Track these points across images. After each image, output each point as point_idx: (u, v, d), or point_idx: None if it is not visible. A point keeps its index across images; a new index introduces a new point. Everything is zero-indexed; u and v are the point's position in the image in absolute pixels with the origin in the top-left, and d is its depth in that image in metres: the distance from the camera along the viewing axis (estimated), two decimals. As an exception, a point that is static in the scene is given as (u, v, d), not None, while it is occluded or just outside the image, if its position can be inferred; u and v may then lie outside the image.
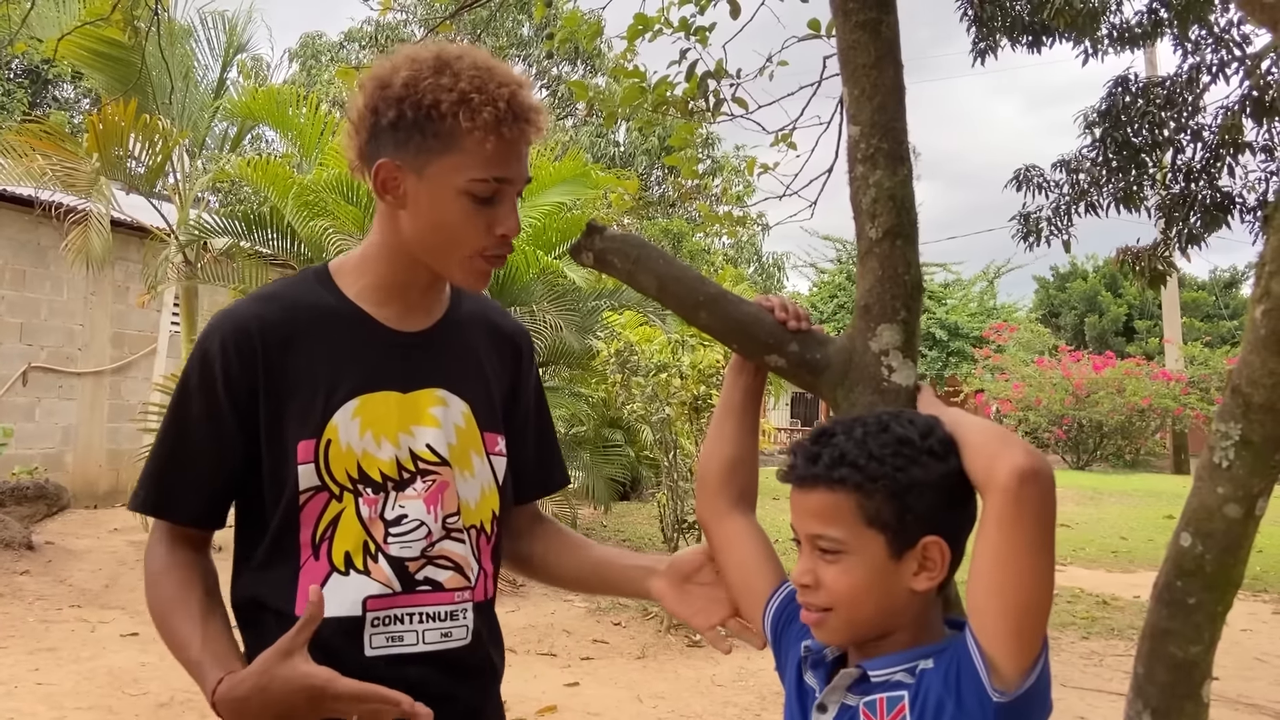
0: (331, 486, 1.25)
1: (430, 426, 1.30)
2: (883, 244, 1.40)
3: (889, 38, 1.41)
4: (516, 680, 4.89)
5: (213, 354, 1.26)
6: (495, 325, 1.45)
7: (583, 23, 4.48)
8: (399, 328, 1.32)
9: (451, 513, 1.30)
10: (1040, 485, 0.99)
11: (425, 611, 1.27)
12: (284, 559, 1.25)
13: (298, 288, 1.33)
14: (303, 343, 1.27)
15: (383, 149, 1.25)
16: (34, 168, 7.75)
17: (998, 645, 1.00)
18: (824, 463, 1.08)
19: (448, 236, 1.26)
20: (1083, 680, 5.19)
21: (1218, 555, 1.44)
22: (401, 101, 1.22)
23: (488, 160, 1.22)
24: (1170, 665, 1.47)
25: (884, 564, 1.06)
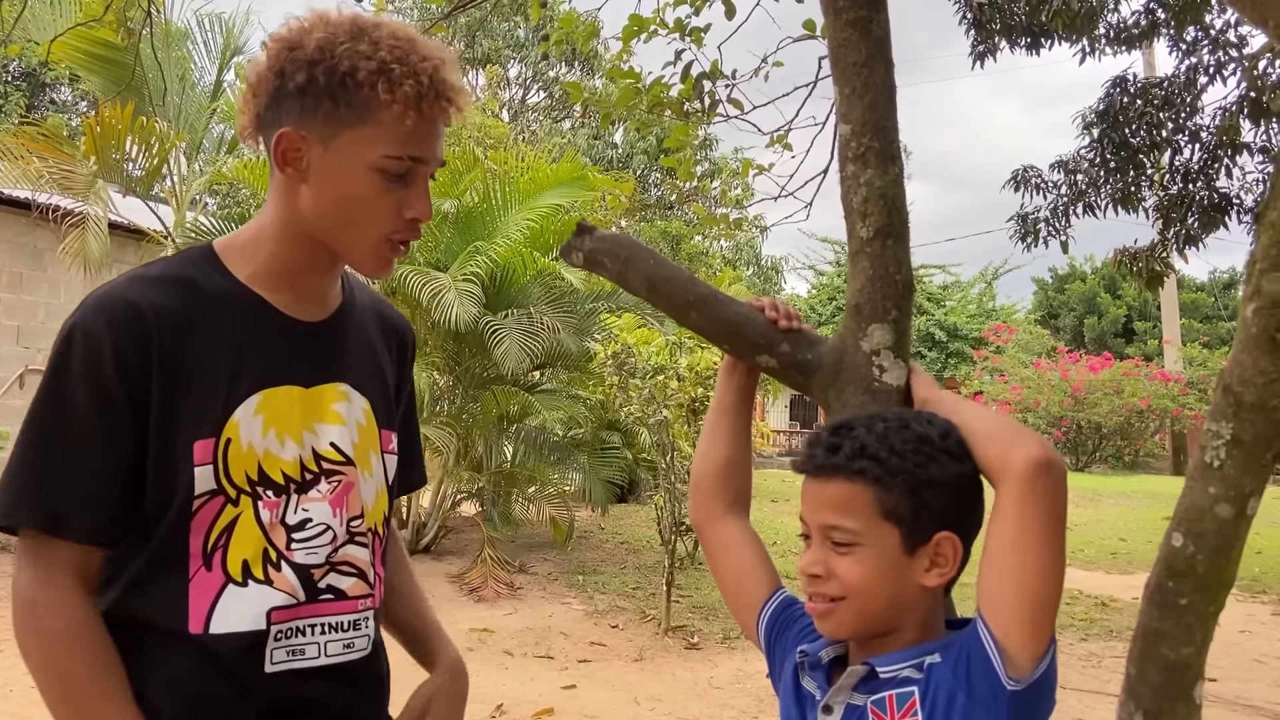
0: (228, 490, 1.12)
1: (334, 424, 1.21)
2: (874, 243, 1.39)
3: (879, 36, 1.41)
4: (513, 683, 4.88)
5: (99, 335, 1.08)
6: (384, 317, 1.37)
7: (579, 24, 4.47)
8: (298, 316, 1.21)
9: (356, 515, 1.21)
10: (1054, 476, 1.01)
11: (328, 622, 1.18)
12: (169, 572, 1.11)
13: (185, 268, 1.17)
14: (199, 330, 1.13)
15: (286, 116, 1.13)
16: (31, 170, 7.75)
17: (1012, 633, 1.01)
18: (844, 453, 1.08)
19: (354, 215, 1.15)
20: (1081, 682, 5.18)
21: (1209, 555, 1.44)
22: (314, 65, 1.11)
23: (405, 137, 1.13)
24: (1162, 666, 1.47)
25: (897, 558, 1.06)
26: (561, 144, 18.07)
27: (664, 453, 6.55)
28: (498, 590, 6.80)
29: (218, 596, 1.11)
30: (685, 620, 6.25)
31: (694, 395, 6.52)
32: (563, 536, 8.16)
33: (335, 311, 1.26)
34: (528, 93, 25.51)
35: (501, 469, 8.36)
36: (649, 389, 6.60)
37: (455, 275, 7.22)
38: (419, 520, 7.97)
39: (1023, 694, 1.00)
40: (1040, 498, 1.01)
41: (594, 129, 22.12)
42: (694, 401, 6.54)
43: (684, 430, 6.72)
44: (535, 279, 7.82)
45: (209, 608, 1.11)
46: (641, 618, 6.34)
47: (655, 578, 7.06)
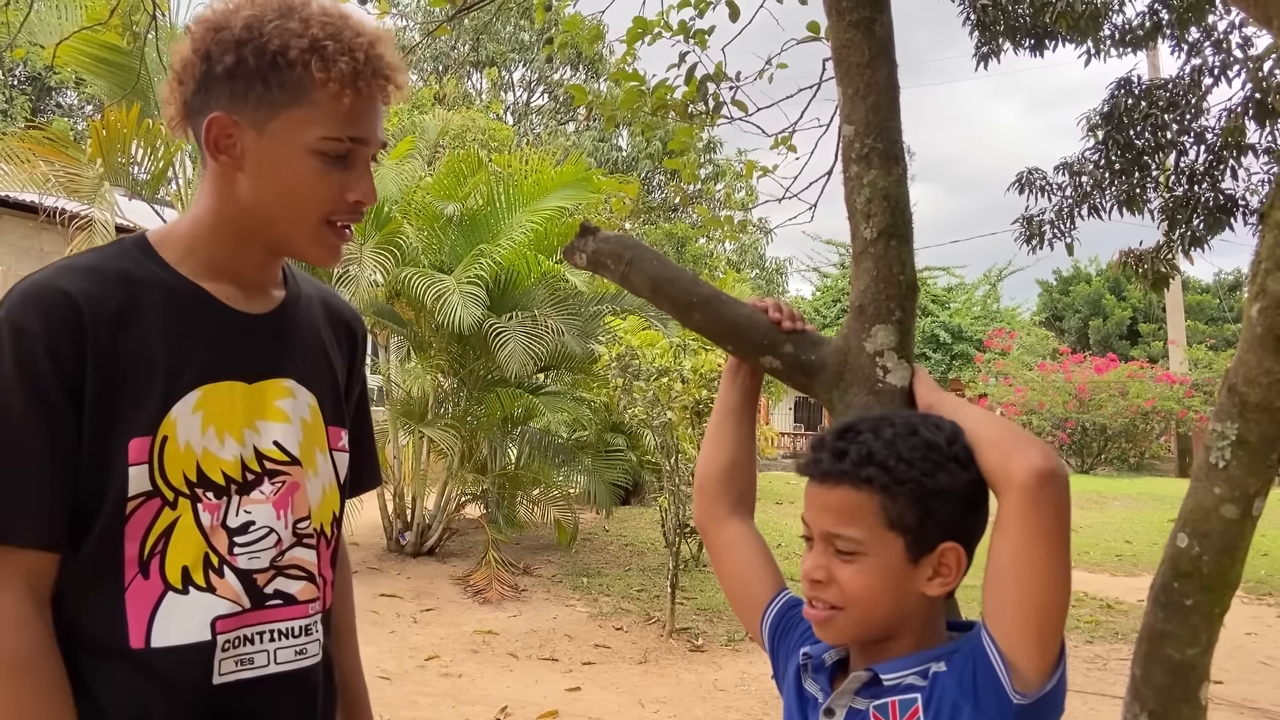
0: (165, 492, 1.06)
1: (278, 421, 1.15)
2: (877, 244, 1.39)
3: (882, 37, 1.41)
4: (518, 685, 4.88)
5: (31, 331, 1.01)
6: (332, 308, 1.31)
7: (583, 27, 4.48)
8: (241, 308, 1.15)
9: (302, 517, 1.16)
10: (1057, 485, 0.99)
11: (278, 628, 1.13)
12: (103, 581, 1.05)
13: (119, 259, 1.11)
14: (135, 322, 1.07)
15: (215, 101, 1.07)
16: (37, 174, 7.76)
17: (1018, 646, 0.99)
18: (851, 460, 1.05)
19: (294, 201, 1.09)
20: (1086, 684, 5.16)
21: (1215, 556, 1.43)
22: (241, 46, 1.06)
23: (342, 117, 1.08)
24: (1167, 668, 1.46)
25: (901, 567, 1.04)
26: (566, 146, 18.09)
27: (668, 455, 6.55)
28: (502, 592, 6.80)
29: (156, 606, 1.06)
30: (690, 622, 6.25)
31: (698, 397, 6.51)
32: (567, 539, 8.16)
33: (280, 304, 1.20)
34: (532, 95, 25.55)
35: (506, 471, 8.36)
36: (653, 391, 6.60)
37: (459, 278, 7.23)
38: (423, 522, 7.98)
39: (1030, 708, 0.99)
40: (1043, 509, 0.99)
41: (599, 132, 22.15)
42: (698, 404, 6.54)
43: (688, 433, 6.71)
44: (540, 281, 7.83)
45: (148, 619, 1.05)
46: (646, 620, 6.33)
47: (659, 580, 7.06)
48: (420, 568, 7.46)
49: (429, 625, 6.00)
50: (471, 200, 7.95)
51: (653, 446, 8.56)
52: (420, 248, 7.69)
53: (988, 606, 1.03)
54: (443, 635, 5.78)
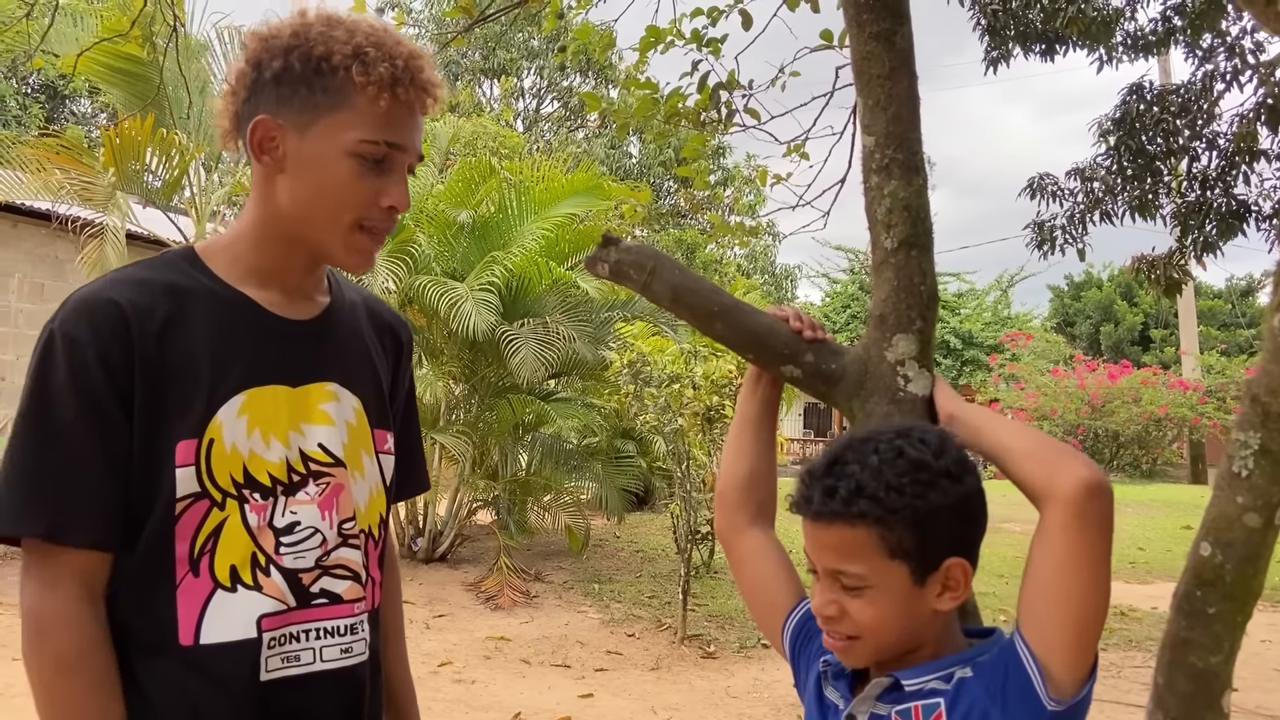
0: (213, 493, 1.10)
1: (322, 424, 1.18)
2: (898, 254, 1.40)
3: (903, 49, 1.42)
4: (531, 691, 4.88)
5: (82, 340, 1.06)
6: (377, 314, 1.34)
7: (595, 35, 4.50)
8: (285, 314, 1.18)
9: (348, 518, 1.18)
10: (1105, 499, 1.00)
11: (324, 627, 1.16)
12: (155, 580, 1.08)
13: (166, 270, 1.15)
14: (181, 330, 1.11)
15: (262, 105, 1.12)
16: (52, 182, 7.83)
17: (1056, 655, 1.00)
18: (841, 497, 1.04)
19: (329, 202, 1.13)
20: (1101, 692, 5.13)
21: (1237, 565, 1.44)
22: (289, 52, 1.11)
23: (380, 121, 1.11)
24: (1190, 675, 1.47)
25: (908, 591, 1.05)
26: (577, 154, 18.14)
27: (679, 461, 6.55)
28: (514, 598, 6.81)
29: (206, 603, 1.09)
30: (701, 629, 6.25)
31: (709, 404, 6.52)
32: (578, 545, 8.17)
33: (324, 309, 1.23)
34: (542, 103, 25.63)
35: (517, 477, 8.38)
36: (664, 397, 6.61)
37: (472, 285, 7.26)
38: (435, 529, 8.00)
39: (1063, 715, 1.00)
40: (1089, 522, 0.99)
41: (610, 139, 22.20)
42: (709, 410, 6.55)
43: (699, 439, 6.72)
44: (551, 288, 7.85)
45: (198, 616, 1.09)
46: (658, 626, 6.33)
47: (671, 586, 7.06)
48: (432, 574, 7.48)
49: (441, 631, 6.01)
50: (483, 207, 7.98)
51: (663, 452, 8.58)
52: (433, 255, 7.73)
53: (1025, 614, 1.04)
54: (455, 641, 5.79)
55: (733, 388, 6.46)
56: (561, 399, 8.43)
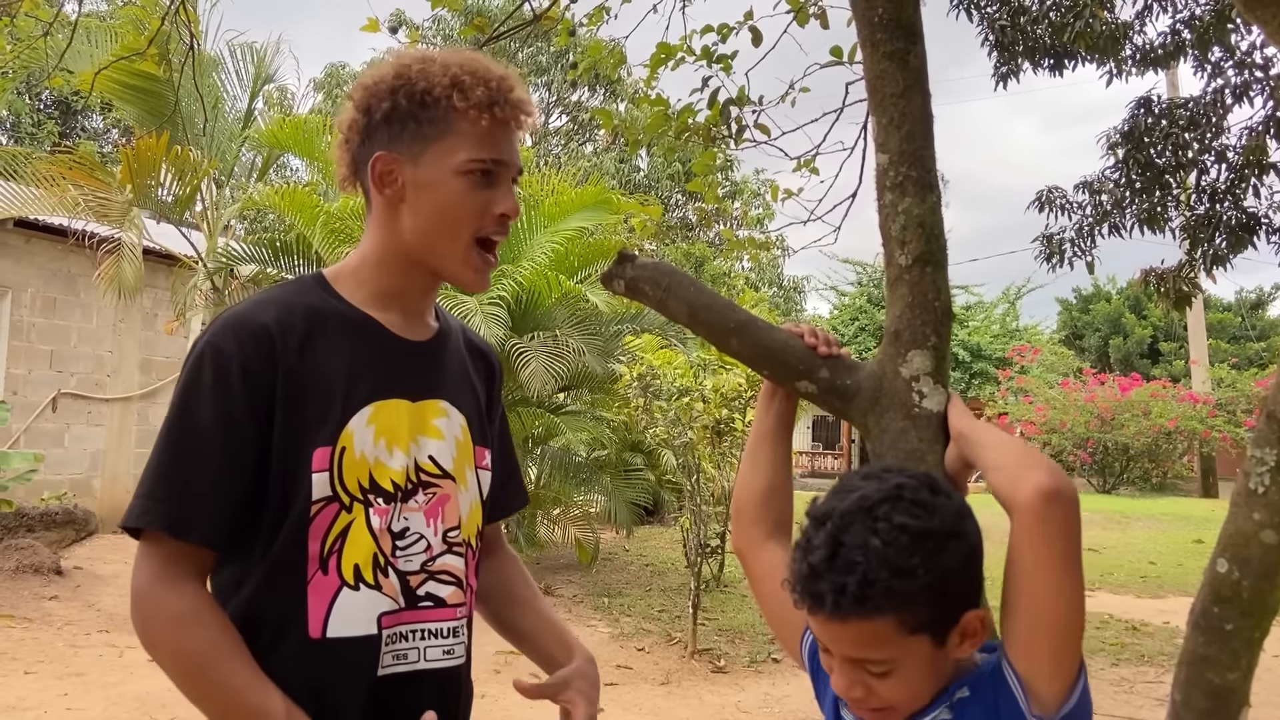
0: (343, 496, 1.19)
1: (434, 438, 1.27)
2: (912, 271, 1.41)
3: (916, 67, 1.43)
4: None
5: (228, 351, 1.17)
6: (473, 343, 1.44)
7: (606, 51, 4.53)
8: (405, 335, 1.29)
9: (452, 526, 1.27)
10: (1064, 504, 0.99)
11: (429, 628, 1.24)
12: (290, 575, 1.17)
13: (302, 294, 1.27)
14: (318, 346, 1.22)
15: (377, 144, 1.24)
16: (67, 198, 7.90)
17: (1033, 668, 1.00)
18: (852, 595, 0.99)
19: (449, 220, 1.23)
20: (1114, 708, 5.12)
21: (1254, 581, 1.43)
22: (395, 92, 1.22)
23: (482, 140, 1.22)
24: (1208, 692, 1.46)
25: (931, 656, 1.03)
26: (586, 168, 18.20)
27: (689, 474, 6.55)
28: (523, 612, 6.80)
29: (334, 600, 1.17)
30: (712, 643, 6.23)
31: (718, 417, 6.53)
32: (588, 558, 8.17)
33: (435, 333, 1.34)
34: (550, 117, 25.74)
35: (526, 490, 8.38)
36: (674, 411, 6.62)
37: (480, 298, 7.28)
38: (445, 542, 8.01)
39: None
40: (1050, 529, 0.98)
41: (619, 153, 22.28)
42: (718, 423, 6.55)
43: (708, 452, 6.72)
44: (560, 302, 7.88)
45: (326, 611, 1.17)
46: (668, 640, 6.32)
47: (681, 600, 7.05)
48: (442, 587, 7.48)
49: (451, 645, 6.02)
50: (493, 221, 8.02)
51: (671, 466, 8.57)
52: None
53: (1003, 630, 1.04)
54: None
55: (742, 401, 6.46)
56: (571, 412, 8.45)
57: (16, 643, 5.51)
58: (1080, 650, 1.01)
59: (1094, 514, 14.13)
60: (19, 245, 9.48)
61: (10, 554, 6.93)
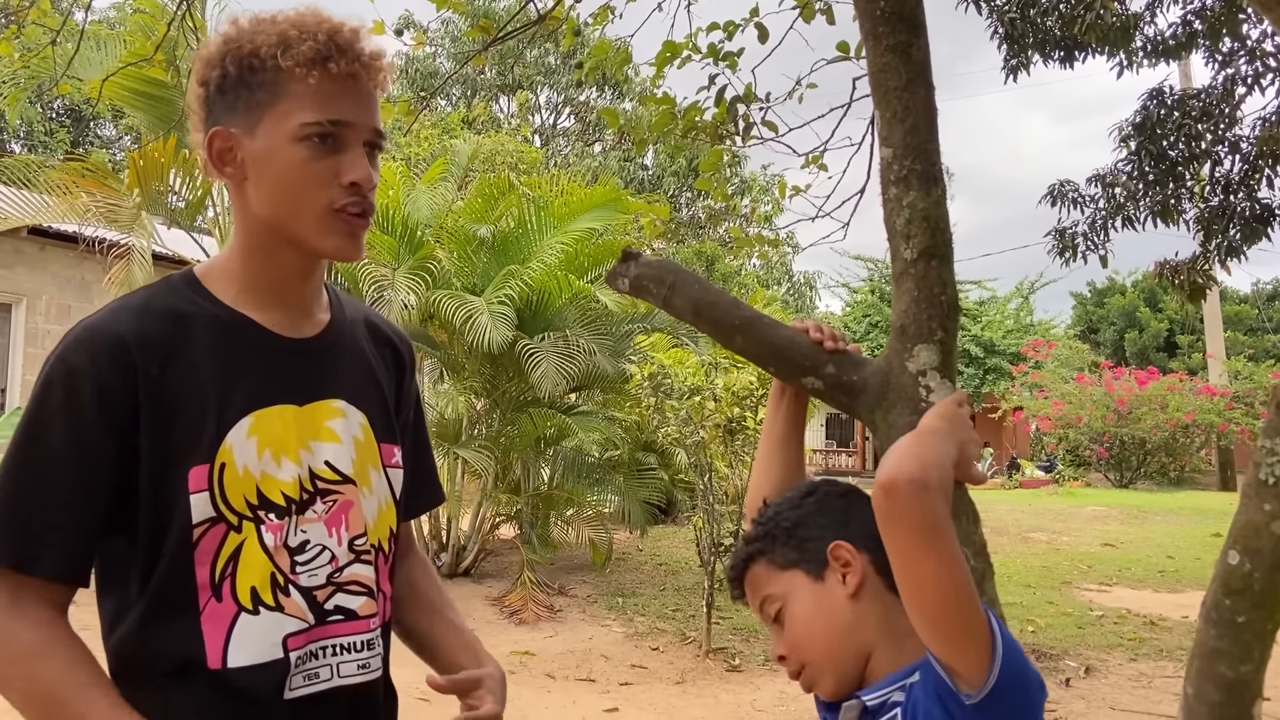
0: (229, 516, 1.09)
1: (329, 441, 1.18)
2: (918, 265, 1.40)
3: (920, 60, 1.42)
4: (555, 705, 4.88)
5: (80, 370, 1.06)
6: (376, 329, 1.33)
7: (612, 51, 4.53)
8: (287, 334, 1.18)
9: (358, 534, 1.18)
10: (894, 494, 0.99)
11: (340, 643, 1.16)
12: (180, 606, 1.08)
13: (168, 296, 1.15)
14: (185, 356, 1.11)
15: (213, 118, 1.13)
16: (78, 205, 7.94)
17: (940, 651, 1.01)
18: (737, 566, 1.23)
19: (292, 193, 1.11)
20: (1131, 703, 5.08)
21: (1266, 573, 1.42)
22: (223, 60, 1.11)
23: (316, 100, 1.09)
24: (1220, 685, 1.45)
25: (812, 589, 1.15)
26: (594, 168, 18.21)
27: (701, 474, 6.54)
28: (538, 613, 6.81)
29: (231, 627, 1.09)
30: (726, 642, 6.22)
31: (730, 415, 6.51)
32: (601, 559, 8.16)
33: (325, 326, 1.23)
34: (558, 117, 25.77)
35: (539, 491, 8.39)
36: (685, 410, 6.61)
37: (489, 299, 7.29)
38: (459, 543, 8.02)
39: (985, 702, 0.99)
40: (890, 519, 1.00)
41: (625, 152, 22.28)
42: (730, 422, 6.54)
43: (721, 451, 6.71)
44: (570, 302, 7.87)
45: (224, 640, 1.09)
46: (682, 640, 6.32)
47: (695, 599, 7.04)
48: (455, 589, 7.49)
49: (466, 646, 6.02)
50: (503, 222, 8.03)
51: (684, 465, 8.56)
52: (452, 270, 7.77)
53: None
54: (480, 656, 5.80)
55: (754, 399, 6.45)
56: (582, 412, 8.44)
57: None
58: (981, 628, 1.00)
59: (1111, 508, 14.04)
60: (33, 253, 9.56)
61: None
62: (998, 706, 0.99)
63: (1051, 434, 20.05)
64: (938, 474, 1.01)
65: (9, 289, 9.45)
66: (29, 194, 8.15)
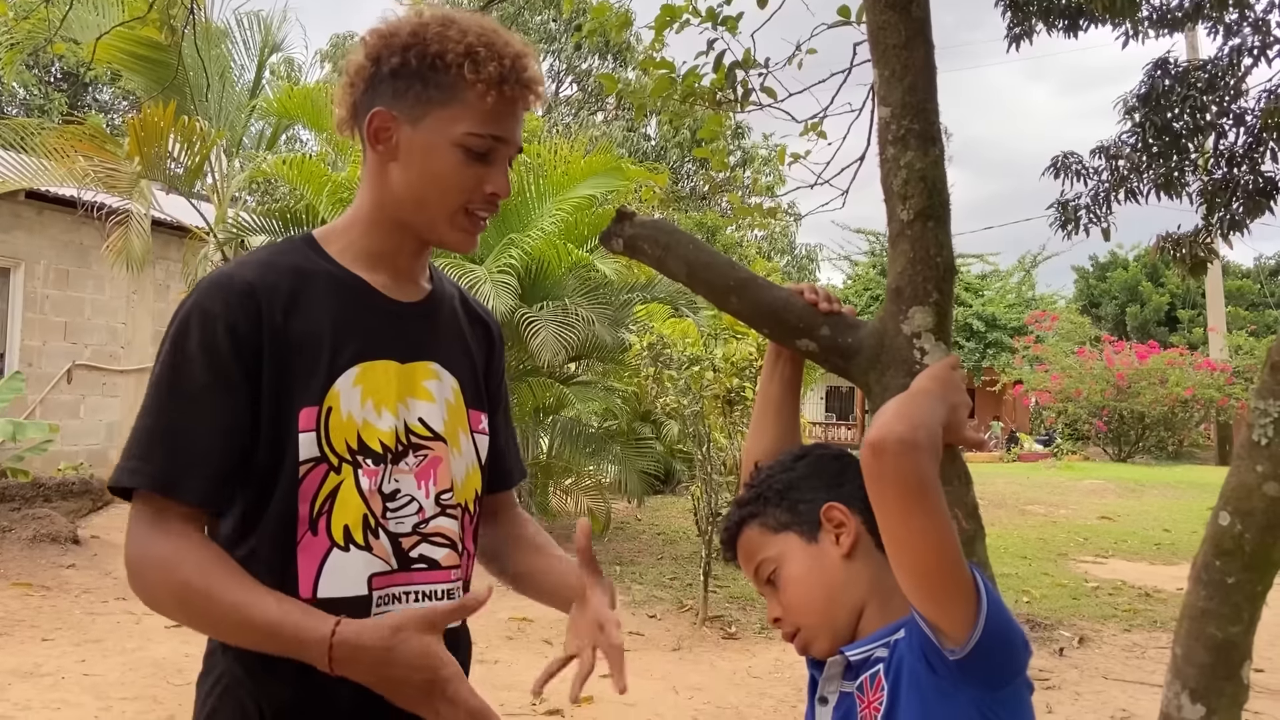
0: (330, 457, 1.18)
1: (425, 400, 1.26)
2: (914, 226, 1.39)
3: (919, 18, 1.40)
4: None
5: (214, 312, 1.16)
6: (470, 306, 1.42)
7: (611, 14, 4.48)
8: (394, 296, 1.28)
9: (445, 489, 1.26)
10: (882, 454, 0.99)
11: (423, 590, 1.23)
12: (280, 536, 1.17)
13: (290, 254, 1.26)
14: (304, 306, 1.21)
15: (379, 98, 1.21)
16: (76, 169, 7.91)
17: (926, 608, 1.02)
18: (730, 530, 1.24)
19: (439, 188, 1.22)
20: (1125, 673, 5.12)
21: (1257, 534, 1.42)
22: (407, 50, 1.19)
23: (486, 115, 1.20)
24: (1209, 646, 1.46)
25: (807, 551, 1.16)
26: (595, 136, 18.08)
27: (700, 444, 6.55)
28: (535, 580, 6.84)
29: (323, 561, 1.17)
30: (723, 610, 6.27)
31: (730, 386, 6.51)
32: (599, 528, 8.20)
33: (427, 294, 1.32)
34: (560, 85, 25.57)
35: (538, 460, 8.41)
36: (684, 380, 6.61)
37: (490, 268, 7.27)
38: (457, 511, 8.06)
39: (969, 659, 1.00)
40: (877, 478, 1.00)
41: (628, 121, 22.13)
42: (730, 392, 6.54)
43: (720, 421, 6.71)
44: (570, 271, 7.85)
45: (316, 571, 1.17)
46: (679, 608, 6.36)
47: (692, 568, 7.08)
48: (454, 556, 7.53)
49: (464, 612, 6.06)
50: (502, 190, 7.99)
51: (680, 435, 8.57)
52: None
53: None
54: (478, 622, 5.80)
55: (753, 370, 6.44)
56: (582, 382, 8.45)
57: (35, 610, 5.59)
58: (966, 585, 1.00)
59: (1109, 482, 14.09)
60: (31, 217, 9.52)
61: (28, 523, 7.01)
62: (981, 663, 1.00)
63: (1051, 408, 20.08)
64: (926, 434, 1.00)
65: (7, 253, 9.42)
66: (26, 157, 8.11)
